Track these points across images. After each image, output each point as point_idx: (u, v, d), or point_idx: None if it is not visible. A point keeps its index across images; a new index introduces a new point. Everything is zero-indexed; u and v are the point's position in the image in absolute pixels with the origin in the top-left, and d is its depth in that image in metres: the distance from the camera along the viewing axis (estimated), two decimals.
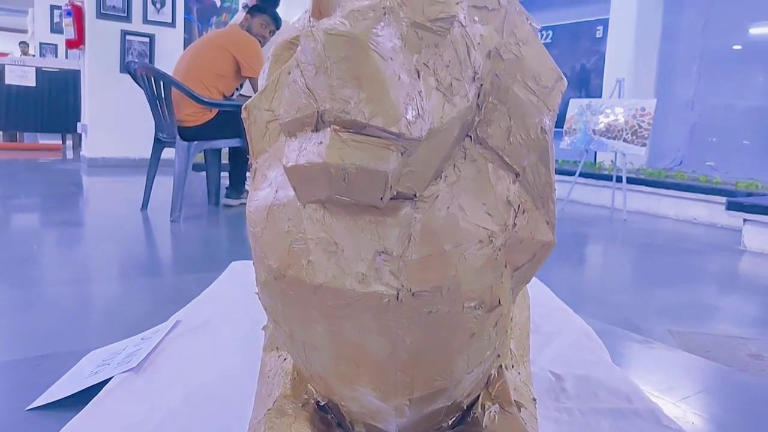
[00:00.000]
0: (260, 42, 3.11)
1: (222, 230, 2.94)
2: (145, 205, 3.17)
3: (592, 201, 6.81)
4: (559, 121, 7.07)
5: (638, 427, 0.92)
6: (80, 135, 7.29)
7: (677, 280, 3.53)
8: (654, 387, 1.26)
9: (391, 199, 0.56)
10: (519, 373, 0.88)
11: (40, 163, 5.81)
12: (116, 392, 0.97)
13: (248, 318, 1.31)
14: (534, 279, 1.73)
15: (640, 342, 1.62)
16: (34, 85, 6.83)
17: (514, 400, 0.78)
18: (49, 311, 1.62)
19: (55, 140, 7.55)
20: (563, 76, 0.65)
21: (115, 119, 5.23)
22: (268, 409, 0.74)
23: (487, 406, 0.76)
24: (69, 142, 7.60)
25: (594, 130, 6.34)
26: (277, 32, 3.26)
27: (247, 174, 3.18)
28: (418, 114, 0.54)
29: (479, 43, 0.62)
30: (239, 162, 3.27)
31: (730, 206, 4.85)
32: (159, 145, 3.10)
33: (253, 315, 1.36)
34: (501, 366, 0.82)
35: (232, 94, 3.17)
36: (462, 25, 0.60)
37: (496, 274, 0.65)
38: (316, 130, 0.53)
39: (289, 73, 0.68)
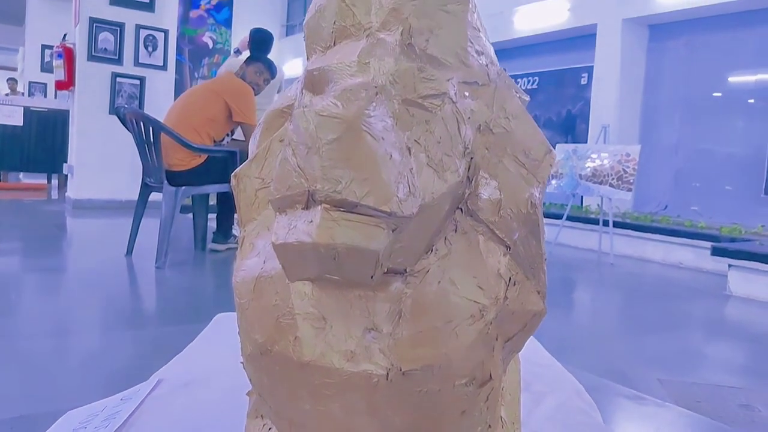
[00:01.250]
0: (254, 89, 3.15)
1: (208, 278, 2.90)
2: (130, 251, 3.12)
3: (579, 244, 6.85)
4: None
5: None
6: (66, 176, 7.26)
7: (665, 327, 3.52)
8: None
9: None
10: None
11: (24, 204, 5.75)
12: None
13: (232, 379, 1.27)
14: None
15: (630, 398, 1.60)
16: (21, 124, 6.81)
17: None
18: (24, 368, 1.57)
19: (40, 180, 7.49)
20: (552, 149, 0.66)
21: (102, 160, 5.21)
22: None
23: None
24: (55, 182, 7.55)
25: (580, 175, 6.43)
26: (270, 83, 3.32)
27: (235, 217, 3.17)
28: (410, 191, 0.53)
29: (469, 118, 0.62)
30: (227, 207, 3.26)
31: (715, 252, 4.90)
32: (146, 189, 3.09)
33: (236, 376, 1.32)
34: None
35: (223, 139, 3.19)
36: (452, 101, 0.60)
37: (488, 348, 0.64)
38: (307, 207, 0.52)
39: (281, 141, 0.68)
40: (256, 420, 0.89)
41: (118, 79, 5.21)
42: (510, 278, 0.64)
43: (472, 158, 0.62)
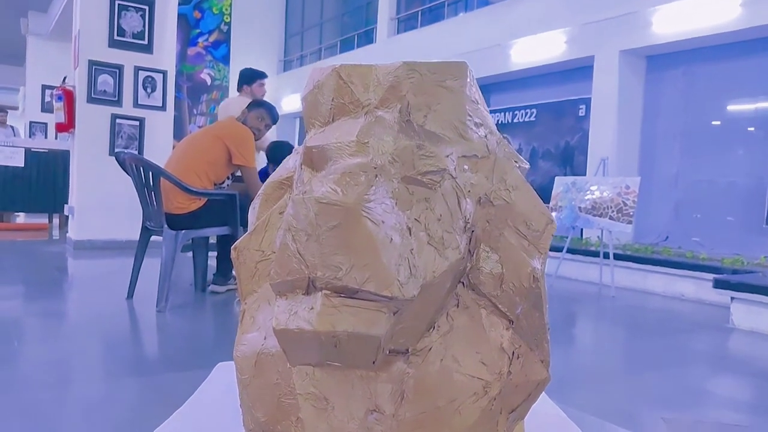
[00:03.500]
0: (255, 134, 3.19)
1: (208, 321, 2.88)
2: (130, 294, 3.11)
3: (580, 277, 6.82)
4: (545, 199, 7.19)
5: None
6: (67, 216, 7.27)
7: (668, 363, 3.48)
8: None
9: None
10: None
11: (25, 245, 5.75)
12: None
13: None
14: None
15: None
16: (23, 165, 6.86)
17: None
18: (28, 422, 1.54)
19: (41, 220, 7.50)
20: (553, 219, 0.66)
21: (102, 201, 5.23)
22: None
23: None
24: (56, 221, 7.56)
25: (580, 208, 6.44)
26: (271, 128, 3.39)
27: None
28: (410, 273, 0.53)
29: (470, 191, 0.63)
30: (227, 249, 3.25)
31: (718, 284, 4.87)
32: (146, 233, 3.09)
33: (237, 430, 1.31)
34: None
35: (223, 182, 3.20)
36: (452, 176, 0.61)
37: (492, 424, 0.63)
38: (307, 293, 0.52)
39: (280, 213, 0.68)
40: None
41: (118, 121, 5.26)
42: (513, 352, 0.63)
43: (473, 232, 0.63)
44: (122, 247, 5.29)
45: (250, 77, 4.44)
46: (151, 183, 2.85)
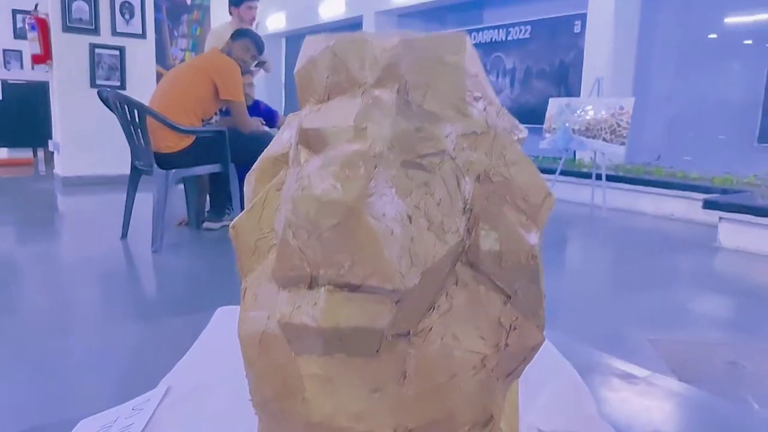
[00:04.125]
0: (241, 66, 3.07)
1: (205, 260, 2.91)
2: (124, 234, 3.12)
3: (572, 198, 6.87)
4: (539, 120, 7.14)
5: None
6: (52, 151, 7.16)
7: (656, 284, 3.58)
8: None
9: None
10: None
11: (13, 181, 5.68)
12: None
13: (236, 386, 1.30)
14: None
15: (622, 377, 1.65)
16: (0, 98, 6.66)
17: None
18: (30, 372, 1.59)
19: (25, 154, 7.38)
20: (552, 193, 0.66)
21: (87, 136, 5.12)
22: None
23: None
24: (41, 155, 7.44)
25: (573, 129, 6.39)
26: (260, 58, 3.26)
27: (242, 190, 3.15)
28: (411, 263, 0.54)
29: (469, 170, 0.62)
30: (219, 186, 3.24)
31: (707, 205, 4.94)
32: (136, 172, 3.05)
33: (240, 382, 1.35)
34: None
35: (211, 118, 3.13)
36: (452, 157, 0.60)
37: (490, 392, 0.65)
38: (310, 287, 0.52)
39: (277, 191, 0.67)
40: None
41: (97, 51, 5.06)
42: (510, 325, 0.65)
43: (471, 210, 0.62)
44: (112, 182, 5.24)
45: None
46: (137, 122, 2.78)
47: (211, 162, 2.99)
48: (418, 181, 0.57)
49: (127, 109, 2.81)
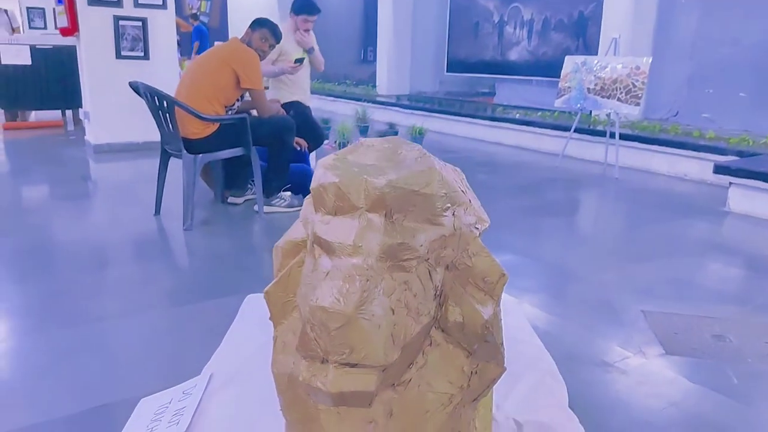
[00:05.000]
0: (260, 55, 3.25)
1: (232, 238, 3.16)
2: (157, 210, 3.39)
3: (586, 156, 6.94)
4: (555, 73, 7.13)
5: None
6: (80, 112, 7.41)
7: (658, 252, 3.75)
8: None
9: None
10: None
11: (44, 144, 5.95)
12: None
13: (269, 374, 1.57)
14: (509, 305, 1.98)
15: (598, 365, 1.88)
16: (30, 63, 6.88)
17: None
18: (89, 355, 1.88)
19: (53, 116, 7.66)
20: (505, 273, 0.87)
21: (116, 106, 5.35)
22: None
23: None
24: (68, 115, 7.72)
25: (589, 89, 6.41)
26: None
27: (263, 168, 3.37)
28: (393, 343, 0.76)
29: (439, 262, 0.83)
30: (240, 167, 3.48)
31: (717, 170, 5.02)
32: (165, 155, 3.30)
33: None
34: None
35: (233, 104, 3.33)
36: (425, 259, 0.81)
37: (457, 418, 0.89)
38: (322, 362, 0.76)
39: (299, 267, 0.90)
40: None
41: (121, 23, 5.21)
42: (472, 371, 0.88)
43: (442, 291, 0.84)
44: (140, 149, 5.51)
45: (299, 7, 4.13)
46: (166, 111, 3.00)
47: (235, 146, 3.21)
48: (400, 281, 0.79)
49: (156, 100, 3.01)
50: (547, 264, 3.36)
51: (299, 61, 4.08)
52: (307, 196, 1.00)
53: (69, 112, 7.70)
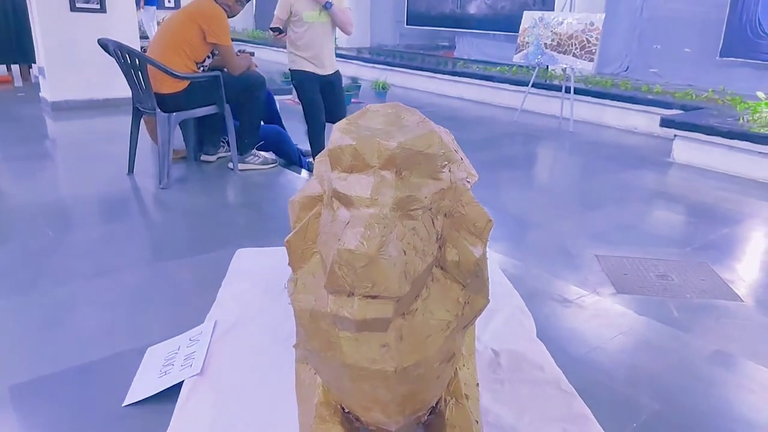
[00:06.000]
0: (226, 11, 3.26)
1: (209, 194, 3.24)
2: (131, 169, 3.43)
3: (543, 110, 7.17)
4: (514, 27, 7.23)
5: (545, 392, 1.41)
6: (29, 66, 7.12)
7: (610, 200, 4.04)
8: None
9: None
10: (468, 368, 1.34)
11: None
12: (193, 400, 1.39)
13: (268, 318, 1.73)
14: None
15: (559, 301, 2.11)
16: None
17: (465, 393, 1.24)
18: (90, 309, 1.98)
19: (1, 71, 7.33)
20: (491, 219, 1.04)
21: (72, 60, 5.20)
22: (314, 417, 1.17)
23: (446, 400, 1.22)
24: (15, 70, 7.40)
25: (545, 44, 6.58)
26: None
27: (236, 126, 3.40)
28: (405, 279, 0.93)
29: (439, 210, 1.00)
30: (213, 124, 3.52)
31: (664, 123, 5.33)
32: (137, 114, 3.31)
33: (271, 315, 1.78)
34: (456, 368, 1.27)
35: (204, 60, 3.35)
36: (429, 208, 0.97)
37: (453, 341, 1.08)
38: (348, 295, 0.91)
39: (316, 218, 1.04)
40: (304, 365, 1.35)
41: None
42: (465, 301, 1.06)
43: (441, 235, 1.01)
44: (102, 106, 5.40)
45: None
46: (138, 69, 3.01)
47: (209, 103, 3.26)
48: (409, 227, 0.95)
49: (127, 57, 3.01)
50: (508, 214, 3.59)
51: (277, 30, 3.69)
52: (319, 157, 1.14)
53: (15, 68, 7.38)
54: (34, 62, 6.26)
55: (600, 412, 1.38)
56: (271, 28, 3.73)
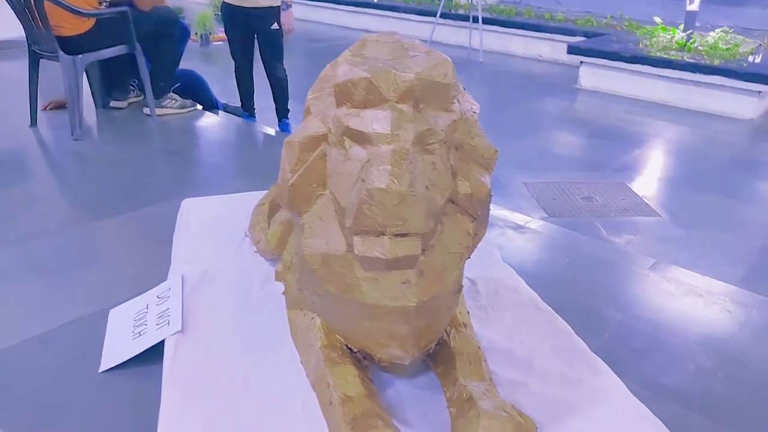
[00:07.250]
0: None
1: (126, 144, 2.99)
2: (33, 121, 3.08)
3: (452, 41, 7.18)
4: None
5: (526, 313, 1.50)
6: None
7: (527, 129, 4.21)
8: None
9: None
10: (461, 302, 1.39)
11: None
12: (181, 357, 1.34)
13: (238, 266, 1.68)
14: None
15: (514, 228, 2.21)
16: None
17: (462, 322, 1.29)
18: (33, 276, 1.81)
19: None
20: (497, 149, 1.05)
21: None
22: (322, 361, 1.17)
23: (448, 331, 1.26)
24: None
25: None
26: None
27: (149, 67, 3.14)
28: (431, 215, 0.93)
29: (452, 142, 0.99)
30: (123, 65, 3.21)
31: (571, 50, 5.53)
32: (35, 57, 2.95)
33: (239, 262, 1.72)
34: None
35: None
36: (444, 141, 0.96)
37: (462, 272, 1.10)
38: (376, 236, 0.90)
39: (321, 159, 1.01)
40: (296, 311, 1.33)
41: None
42: (475, 233, 1.08)
43: (453, 168, 1.01)
44: None
45: None
46: (35, 7, 2.65)
47: (117, 43, 2.96)
48: (428, 161, 0.94)
49: None
50: None
51: None
52: (311, 93, 1.08)
53: None
54: None
55: (575, 327, 1.48)
56: None
